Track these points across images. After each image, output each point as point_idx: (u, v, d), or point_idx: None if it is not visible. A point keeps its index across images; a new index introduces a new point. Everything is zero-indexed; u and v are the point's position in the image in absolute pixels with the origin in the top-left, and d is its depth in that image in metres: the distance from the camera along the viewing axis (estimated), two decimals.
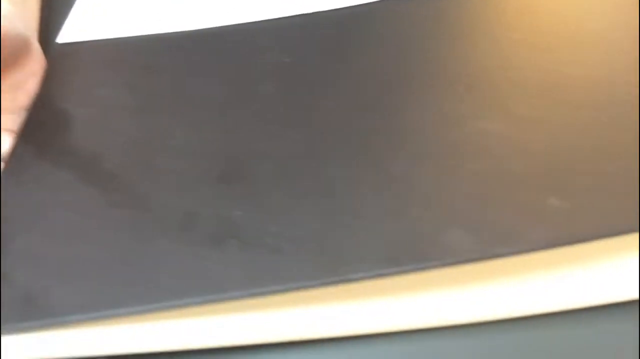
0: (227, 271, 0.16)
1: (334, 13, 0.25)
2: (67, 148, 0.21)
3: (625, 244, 0.16)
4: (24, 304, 0.16)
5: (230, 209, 0.18)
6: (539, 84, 0.19)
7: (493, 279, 0.16)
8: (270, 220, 0.17)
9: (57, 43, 0.25)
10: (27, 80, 0.23)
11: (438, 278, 0.16)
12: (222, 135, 0.20)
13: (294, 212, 0.17)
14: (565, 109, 0.18)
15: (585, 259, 0.16)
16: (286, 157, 0.19)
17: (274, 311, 0.16)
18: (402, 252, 0.15)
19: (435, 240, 0.16)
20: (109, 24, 0.27)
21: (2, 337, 0.16)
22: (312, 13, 0.26)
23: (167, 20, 0.27)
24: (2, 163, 0.21)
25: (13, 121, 0.22)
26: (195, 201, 0.18)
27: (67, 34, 0.26)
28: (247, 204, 0.18)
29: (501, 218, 0.16)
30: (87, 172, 0.20)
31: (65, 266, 0.17)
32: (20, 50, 0.23)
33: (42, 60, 0.24)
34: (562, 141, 0.17)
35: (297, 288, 0.15)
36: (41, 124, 0.22)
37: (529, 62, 0.20)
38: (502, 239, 0.15)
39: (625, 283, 0.15)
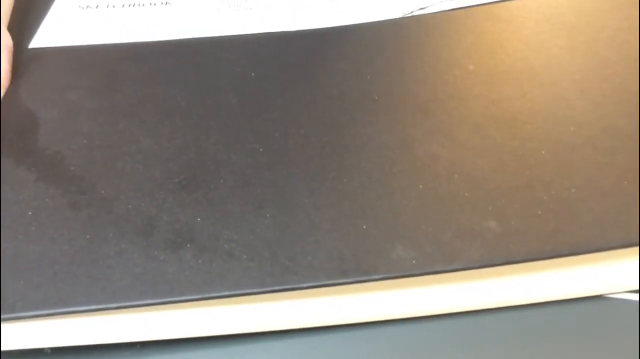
0: (182, 275, 0.17)
1: (300, 34, 0.26)
2: (30, 148, 0.21)
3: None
4: None
5: (189, 215, 0.18)
6: (488, 114, 0.21)
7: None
8: (227, 227, 0.18)
9: (29, 48, 0.26)
10: None
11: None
12: (184, 142, 0.21)
13: (250, 221, 0.18)
14: (510, 139, 0.20)
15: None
16: (245, 167, 0.20)
17: (225, 306, 0.17)
18: (350, 265, 0.16)
19: (381, 255, 0.17)
20: (80, 31, 0.27)
21: None
22: (280, 32, 0.27)
23: (136, 30, 0.27)
24: None
25: None
26: (155, 206, 0.19)
27: (40, 39, 0.27)
28: (205, 211, 0.18)
29: (443, 237, 0.17)
30: (50, 173, 0.20)
31: (20, 262, 0.17)
32: None
33: (8, 40, 0.25)
34: (504, 169, 0.19)
35: (247, 294, 0.16)
36: (7, 124, 0.22)
37: (481, 93, 0.22)
38: (442, 257, 0.16)
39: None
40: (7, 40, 0.25)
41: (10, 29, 0.26)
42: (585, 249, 0.16)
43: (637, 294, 0.17)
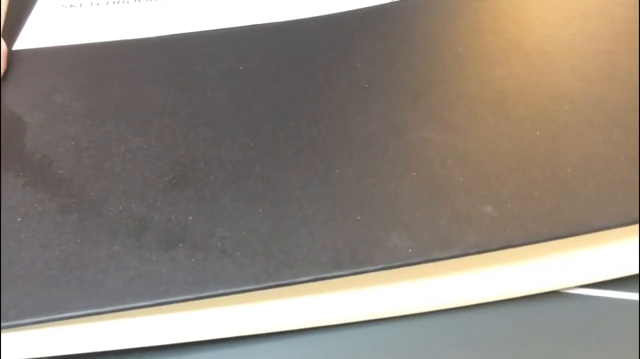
0: (175, 275, 0.16)
1: (287, 24, 0.26)
2: (17, 152, 0.21)
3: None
4: None
5: (181, 214, 0.18)
6: (479, 96, 0.20)
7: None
8: (219, 224, 0.18)
9: (13, 50, 0.25)
10: None
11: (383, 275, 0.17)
12: (174, 140, 0.21)
13: (243, 216, 0.18)
14: (502, 121, 0.19)
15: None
16: (236, 162, 0.20)
17: (222, 308, 0.17)
18: (345, 257, 0.16)
19: (377, 245, 0.16)
20: (65, 31, 0.27)
21: None
22: (267, 24, 0.26)
23: (122, 28, 0.27)
24: None
25: None
26: (146, 206, 0.18)
27: (23, 41, 0.26)
28: (197, 209, 0.18)
29: (438, 224, 0.16)
30: (38, 177, 0.20)
31: (11, 270, 0.17)
32: None
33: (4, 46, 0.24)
34: (498, 152, 0.18)
35: (243, 291, 0.16)
36: None
37: (471, 75, 0.21)
38: (439, 243, 0.16)
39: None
40: (4, 46, 0.24)
41: None
42: (584, 229, 0.16)
43: (637, 294, 0.17)
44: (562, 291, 0.17)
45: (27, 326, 0.16)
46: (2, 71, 0.24)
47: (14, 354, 0.16)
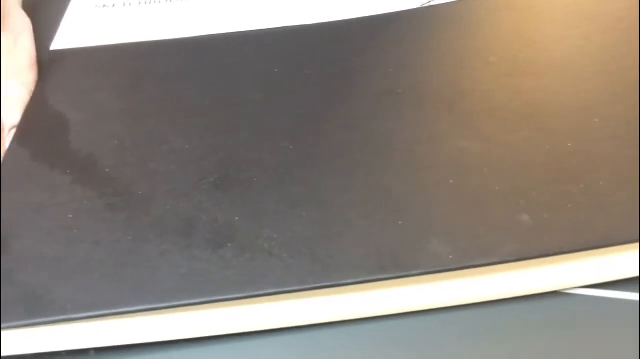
0: (225, 274, 0.17)
1: (319, 26, 0.27)
2: (62, 151, 0.21)
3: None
4: (29, 301, 0.17)
5: (226, 214, 0.19)
6: (512, 107, 0.21)
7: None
8: (265, 225, 0.18)
9: (51, 50, 0.26)
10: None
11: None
12: (214, 141, 0.21)
13: (287, 219, 0.18)
14: (535, 133, 0.20)
15: None
16: (277, 165, 0.20)
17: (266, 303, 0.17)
18: (388, 261, 0.17)
19: (418, 250, 0.17)
20: (99, 31, 0.27)
21: (5, 332, 0.17)
22: (299, 26, 0.27)
23: (154, 28, 0.27)
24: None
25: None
26: (192, 206, 0.19)
27: (60, 41, 0.27)
28: (242, 210, 0.19)
29: (477, 232, 0.17)
30: (84, 175, 0.20)
31: (66, 265, 0.18)
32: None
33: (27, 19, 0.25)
34: (532, 163, 0.19)
35: (291, 291, 0.17)
36: (36, 127, 0.22)
37: (503, 86, 0.22)
38: (478, 251, 0.17)
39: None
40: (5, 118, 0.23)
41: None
42: (616, 240, 0.17)
43: (637, 294, 0.18)
44: (562, 291, 0.18)
45: (82, 320, 0.17)
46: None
47: (66, 344, 0.17)
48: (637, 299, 0.17)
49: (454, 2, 0.27)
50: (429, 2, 0.27)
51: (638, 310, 0.17)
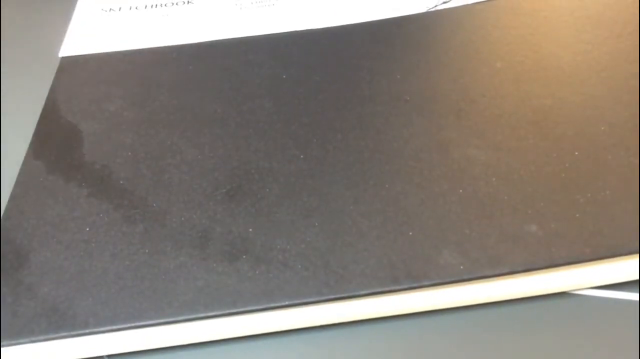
0: (241, 286, 0.18)
1: (326, 31, 0.27)
2: (77, 163, 0.22)
3: None
4: (51, 315, 0.17)
5: (241, 225, 0.19)
6: (519, 114, 0.21)
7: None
8: (278, 236, 0.19)
9: (60, 57, 0.26)
10: None
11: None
12: (226, 151, 0.22)
13: (300, 229, 0.19)
14: (542, 141, 0.20)
15: None
16: (288, 175, 0.21)
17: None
18: (400, 272, 0.17)
19: (429, 261, 0.18)
20: (107, 36, 0.27)
21: (26, 345, 0.17)
22: (306, 30, 0.27)
23: (162, 32, 0.28)
24: None
25: None
26: (207, 217, 0.19)
27: (69, 47, 0.27)
28: (256, 221, 0.19)
29: (487, 242, 0.18)
30: (100, 188, 0.21)
31: (86, 279, 0.18)
32: None
33: None
34: (540, 172, 0.19)
35: (306, 303, 0.17)
36: (50, 138, 0.23)
37: (510, 92, 0.22)
38: (488, 262, 0.17)
39: None
40: None
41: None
42: (624, 251, 0.17)
43: (637, 294, 0.18)
44: (565, 291, 0.18)
45: (103, 333, 0.17)
46: None
47: (82, 352, 0.18)
48: (637, 299, 0.18)
49: (460, 6, 0.27)
50: (436, 6, 0.27)
51: (638, 310, 0.18)
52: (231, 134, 0.22)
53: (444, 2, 0.27)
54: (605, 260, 0.17)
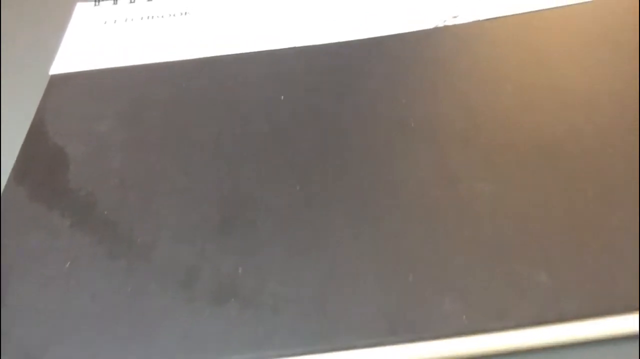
0: (227, 333, 0.16)
1: (326, 47, 0.25)
2: (62, 189, 0.20)
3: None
4: None
5: (230, 264, 0.18)
6: (531, 144, 0.20)
7: None
8: (269, 277, 0.18)
9: (50, 75, 0.25)
10: None
11: None
12: (218, 178, 0.20)
13: (293, 269, 0.18)
14: (553, 173, 0.19)
15: None
16: (284, 206, 0.19)
17: None
18: (399, 323, 0.16)
19: (430, 310, 0.16)
20: (101, 51, 0.26)
21: None
22: (305, 46, 0.26)
23: (157, 46, 0.26)
24: None
25: None
26: (194, 253, 0.18)
27: (60, 64, 0.26)
28: (246, 259, 0.18)
29: (492, 290, 0.16)
30: (83, 217, 0.20)
31: (63, 321, 0.17)
32: None
33: None
34: (550, 209, 0.18)
35: (297, 354, 0.16)
36: (34, 160, 0.21)
37: (520, 118, 0.21)
38: (492, 313, 0.16)
39: None
40: None
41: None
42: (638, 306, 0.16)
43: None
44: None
45: None
46: None
47: None
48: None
49: (469, 22, 0.25)
50: (445, 22, 0.25)
51: (637, 325, 0.16)
52: (224, 159, 0.21)
53: (454, 17, 0.26)
54: (618, 315, 0.16)
